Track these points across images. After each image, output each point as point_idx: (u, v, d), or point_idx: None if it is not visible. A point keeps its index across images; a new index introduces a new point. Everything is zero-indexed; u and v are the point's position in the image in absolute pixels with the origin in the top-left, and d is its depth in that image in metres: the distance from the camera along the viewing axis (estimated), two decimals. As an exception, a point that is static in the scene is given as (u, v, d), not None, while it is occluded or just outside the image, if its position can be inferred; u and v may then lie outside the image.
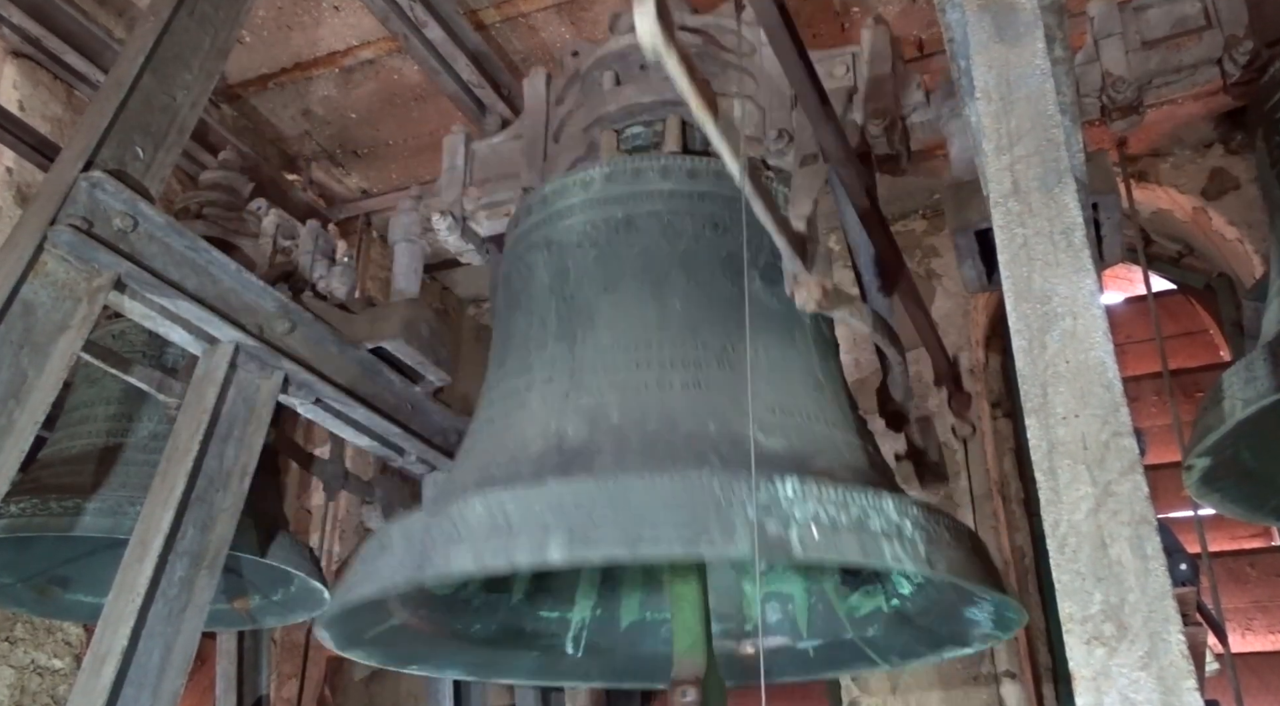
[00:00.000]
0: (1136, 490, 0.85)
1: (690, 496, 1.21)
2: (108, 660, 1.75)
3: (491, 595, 1.97)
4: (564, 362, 1.68)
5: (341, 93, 4.23)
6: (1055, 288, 1.01)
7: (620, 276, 1.74)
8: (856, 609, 1.98)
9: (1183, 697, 0.74)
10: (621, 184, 1.84)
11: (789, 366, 1.70)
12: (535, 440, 1.58)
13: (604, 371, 1.63)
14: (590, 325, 1.71)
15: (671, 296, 1.70)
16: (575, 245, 1.81)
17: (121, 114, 1.91)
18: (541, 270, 1.84)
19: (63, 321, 1.77)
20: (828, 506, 1.24)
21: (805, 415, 1.64)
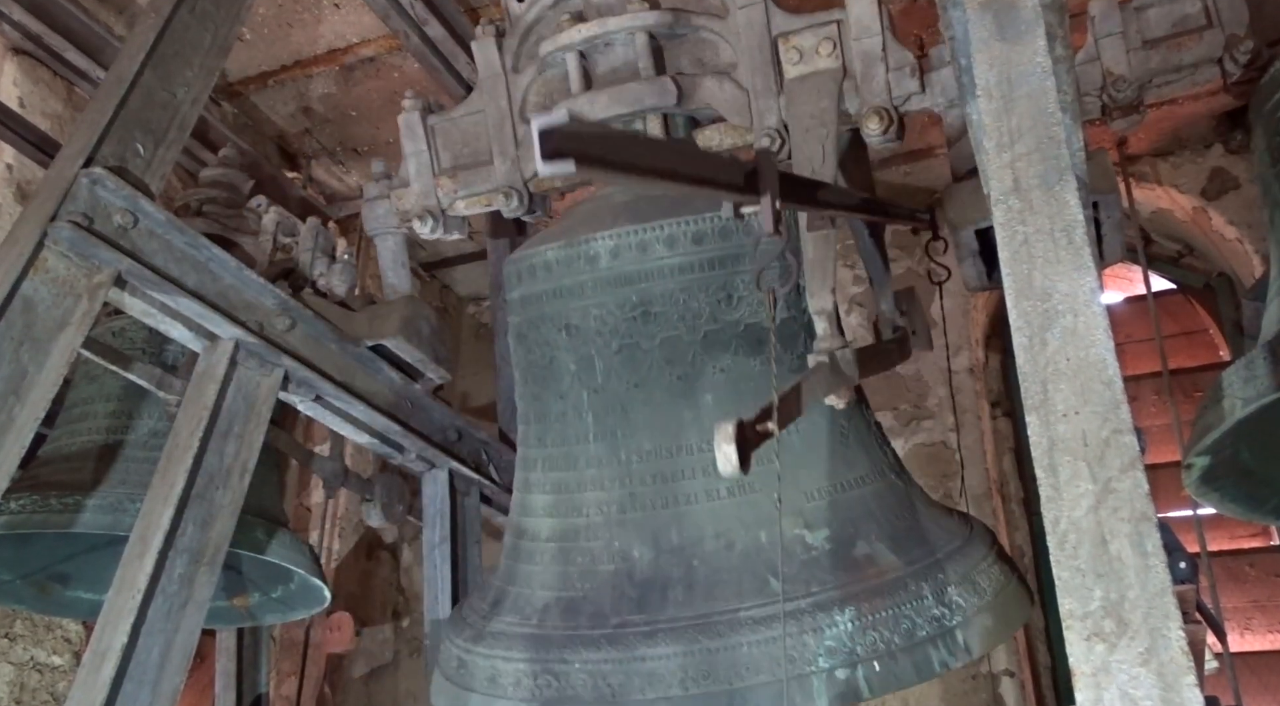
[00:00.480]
0: (1137, 487, 0.85)
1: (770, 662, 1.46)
2: (107, 657, 1.75)
3: None
4: (610, 466, 1.77)
5: (342, 90, 4.23)
6: (1056, 285, 1.01)
7: (648, 371, 1.79)
8: None
9: (1182, 693, 0.74)
10: (629, 261, 1.83)
11: (815, 430, 1.76)
12: (603, 559, 1.73)
13: (653, 481, 1.73)
14: (626, 424, 1.78)
15: (702, 392, 1.76)
16: (595, 333, 1.83)
17: (122, 111, 1.91)
18: (564, 354, 1.87)
19: (63, 318, 1.77)
20: (882, 630, 1.45)
21: (839, 484, 1.74)
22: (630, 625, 1.62)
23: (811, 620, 1.51)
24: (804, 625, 1.50)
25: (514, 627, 1.76)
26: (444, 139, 2.36)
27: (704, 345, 1.79)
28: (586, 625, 1.66)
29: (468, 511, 2.83)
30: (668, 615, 1.61)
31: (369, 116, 4.36)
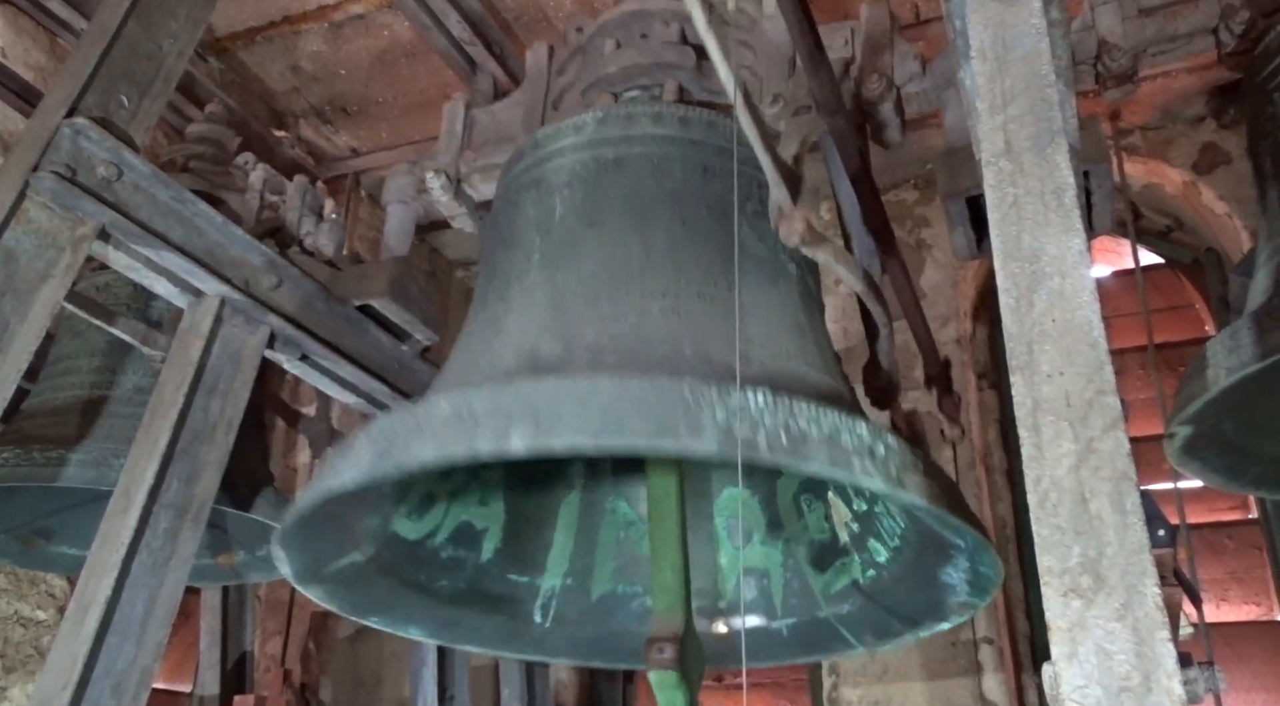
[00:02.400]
0: (1118, 447, 0.85)
1: (660, 397, 1.18)
2: (91, 610, 1.75)
3: (458, 550, 1.95)
4: (543, 290, 1.66)
5: (331, 48, 4.18)
6: (1044, 247, 1.01)
7: (606, 212, 1.73)
8: (831, 585, 1.96)
9: (1156, 648, 0.75)
10: (613, 127, 1.84)
11: (771, 308, 1.69)
12: (508, 356, 1.57)
13: (582, 296, 1.61)
14: (573, 255, 1.69)
15: (655, 231, 1.68)
16: (564, 184, 1.80)
17: (105, 61, 1.88)
18: (528, 208, 1.83)
19: (45, 270, 1.75)
20: (799, 418, 1.20)
21: (785, 353, 1.61)
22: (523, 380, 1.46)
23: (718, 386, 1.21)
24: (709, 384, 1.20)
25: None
26: (480, 127, 2.49)
27: (669, 198, 1.74)
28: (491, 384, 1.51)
29: (454, 473, 2.84)
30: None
31: (358, 75, 4.31)
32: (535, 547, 2.08)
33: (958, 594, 1.71)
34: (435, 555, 1.92)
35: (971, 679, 4.03)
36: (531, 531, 2.08)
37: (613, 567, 2.11)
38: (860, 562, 1.91)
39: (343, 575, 1.74)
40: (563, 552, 2.10)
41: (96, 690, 1.73)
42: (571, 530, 2.11)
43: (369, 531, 1.75)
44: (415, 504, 1.86)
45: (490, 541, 2.03)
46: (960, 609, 1.74)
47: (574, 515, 2.13)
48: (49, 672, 1.72)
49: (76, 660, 1.71)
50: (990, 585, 1.61)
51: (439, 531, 1.93)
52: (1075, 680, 0.78)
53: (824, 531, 2.00)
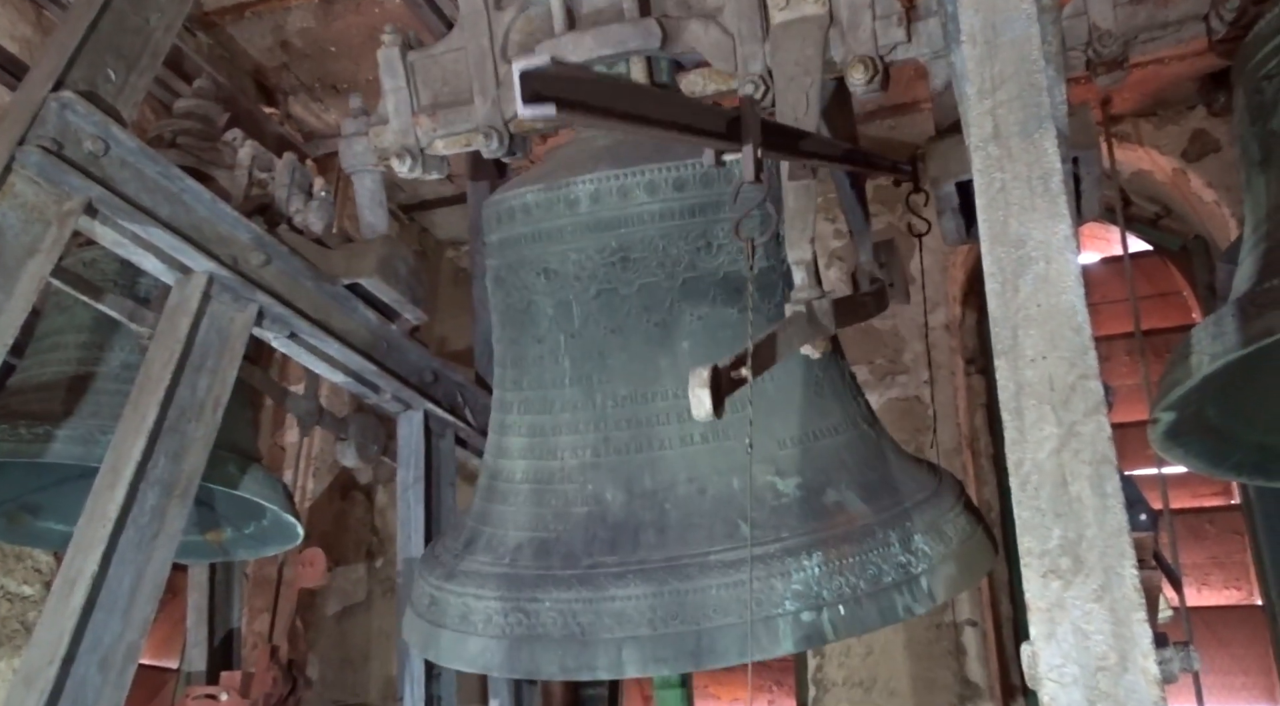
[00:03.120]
0: (1099, 431, 0.86)
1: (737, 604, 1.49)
2: (77, 584, 1.75)
3: None
4: (586, 411, 1.78)
5: (321, 24, 4.15)
6: (1030, 232, 1.02)
7: (625, 316, 1.79)
8: None
9: (1133, 628, 0.76)
10: (609, 206, 1.81)
11: (789, 379, 1.77)
12: (576, 502, 1.74)
13: (628, 426, 1.75)
14: (603, 369, 1.79)
15: (679, 339, 1.77)
16: (574, 278, 1.83)
17: (92, 34, 1.86)
18: (542, 298, 1.87)
19: (32, 244, 1.74)
20: (848, 575, 1.48)
21: (811, 432, 1.76)
22: (601, 566, 1.64)
23: (779, 564, 1.54)
24: (771, 569, 1.54)
25: (486, 567, 1.78)
26: (424, 76, 2.30)
27: (682, 292, 1.79)
28: (559, 565, 1.69)
29: (442, 453, 2.84)
30: (639, 557, 1.63)
31: (349, 52, 4.28)
32: None
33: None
34: None
35: (955, 661, 4.07)
36: None
37: None
38: None
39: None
40: None
41: (83, 665, 1.73)
42: None
43: None
44: None
45: None
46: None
47: None
48: (35, 647, 1.72)
49: (63, 635, 1.71)
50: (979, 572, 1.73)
51: None
52: (1053, 659, 0.79)
53: None
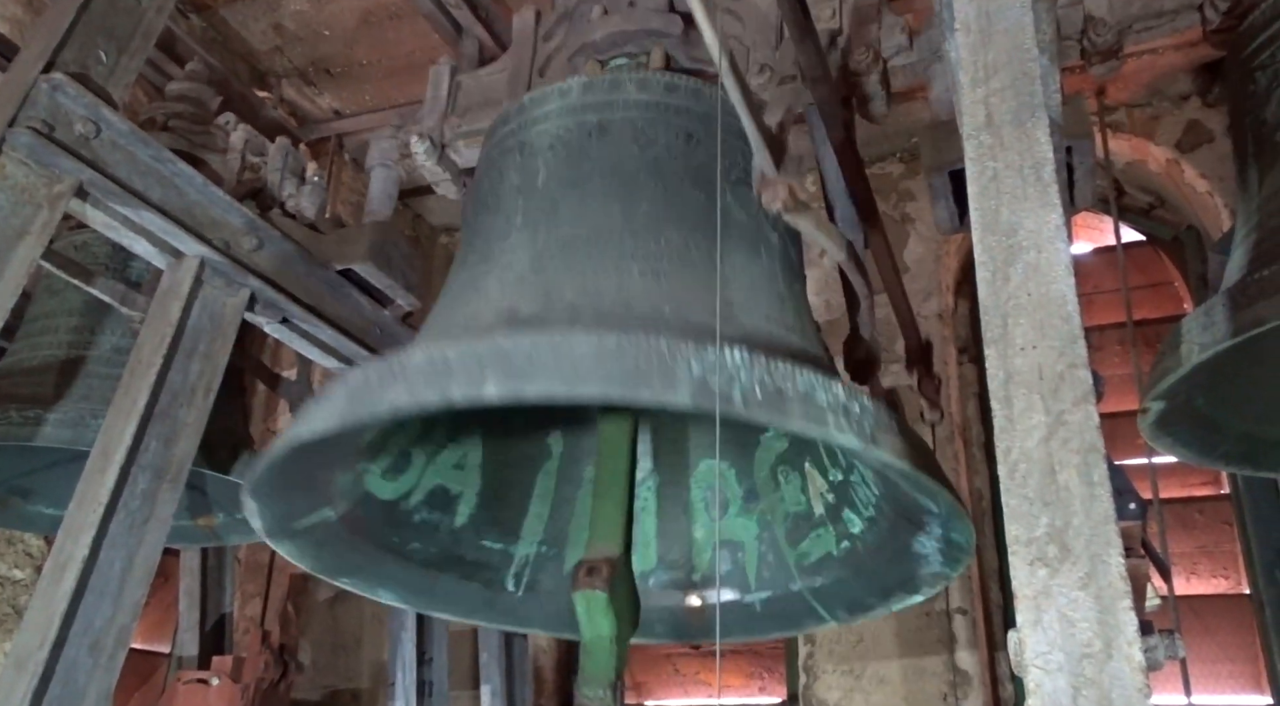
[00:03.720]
0: (1088, 419, 0.87)
1: (636, 350, 1.17)
2: (68, 568, 1.75)
3: (433, 513, 1.95)
4: (524, 250, 1.66)
5: (315, 8, 4.13)
6: (1022, 221, 1.02)
7: (589, 176, 1.72)
8: (806, 555, 1.96)
9: (1119, 616, 0.77)
10: (599, 93, 1.82)
11: (752, 276, 1.69)
12: (486, 314, 1.56)
13: (562, 257, 1.61)
14: (553, 218, 1.69)
15: (638, 198, 1.69)
16: (547, 147, 1.79)
17: (84, 15, 1.85)
18: (512, 172, 1.83)
19: (22, 227, 1.73)
20: (775, 375, 1.20)
21: (765, 318, 1.61)
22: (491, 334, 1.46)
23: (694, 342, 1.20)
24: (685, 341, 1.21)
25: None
26: (465, 92, 2.46)
27: (653, 167, 1.74)
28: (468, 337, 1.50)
29: (434, 438, 2.84)
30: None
31: (342, 36, 4.26)
32: (511, 514, 2.07)
33: (930, 564, 1.71)
34: (409, 518, 1.91)
35: (945, 649, 4.09)
36: (507, 498, 2.07)
37: (587, 537, 2.11)
38: (835, 534, 1.92)
39: (314, 532, 1.72)
40: (538, 520, 2.09)
41: (74, 648, 1.73)
42: (548, 498, 2.10)
43: (342, 488, 1.74)
44: (390, 463, 1.85)
45: (465, 506, 2.02)
46: (933, 580, 1.74)
47: (551, 482, 2.12)
48: (26, 631, 1.72)
49: (54, 619, 1.71)
50: (962, 554, 1.61)
51: (414, 493, 1.92)
52: (1039, 646, 0.80)
53: (800, 503, 2.00)
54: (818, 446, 1.92)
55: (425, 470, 1.94)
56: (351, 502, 1.78)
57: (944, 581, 1.74)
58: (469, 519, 2.01)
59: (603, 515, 1.61)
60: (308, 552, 1.74)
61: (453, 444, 2.00)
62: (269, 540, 1.67)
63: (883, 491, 1.74)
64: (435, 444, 1.95)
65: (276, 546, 1.69)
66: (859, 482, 1.83)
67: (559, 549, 2.07)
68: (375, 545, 1.85)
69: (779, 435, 2.02)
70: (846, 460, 1.85)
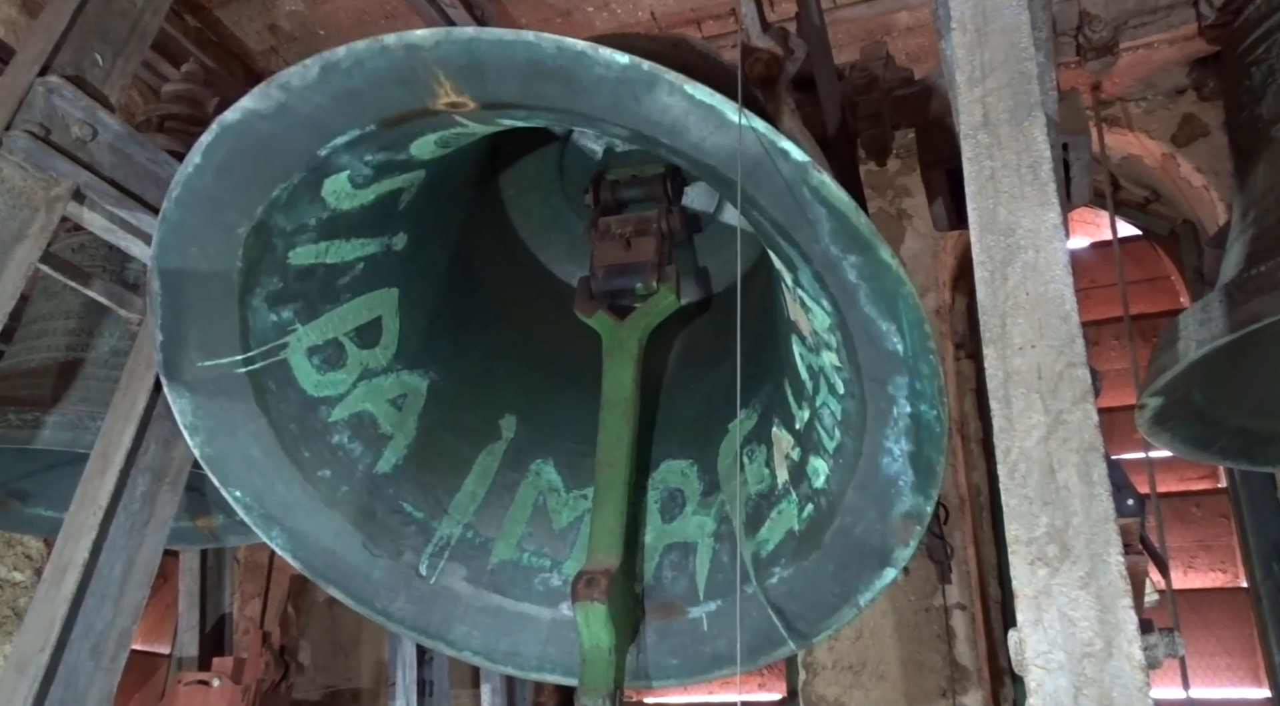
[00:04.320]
0: (1087, 419, 0.87)
1: None
2: (69, 571, 1.76)
3: (355, 443, 1.76)
4: None
5: (310, 8, 4.12)
6: (1019, 220, 1.02)
7: None
8: (765, 543, 1.76)
9: (1119, 615, 0.77)
10: None
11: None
12: None
13: None
14: None
15: None
16: None
17: (79, 18, 1.85)
18: None
19: (19, 230, 1.73)
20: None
21: None
22: None
23: None
24: None
25: None
26: None
27: None
28: None
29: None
30: None
31: (338, 35, 4.25)
32: (442, 483, 1.86)
33: (902, 494, 1.49)
34: (326, 434, 1.71)
35: (944, 644, 4.10)
36: (441, 464, 1.87)
37: (522, 533, 1.89)
38: (798, 500, 1.72)
39: (215, 386, 1.54)
40: (470, 499, 1.87)
41: (75, 651, 1.74)
42: (487, 479, 1.90)
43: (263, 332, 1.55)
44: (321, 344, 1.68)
45: (392, 453, 1.81)
46: (905, 525, 1.51)
47: (494, 464, 1.92)
48: (27, 633, 1.72)
49: (54, 621, 1.71)
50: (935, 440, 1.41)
51: (339, 404, 1.72)
52: (1039, 645, 0.80)
53: (763, 479, 1.82)
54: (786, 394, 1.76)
55: (359, 383, 1.75)
56: (267, 363, 1.59)
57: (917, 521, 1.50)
58: (393, 468, 1.81)
59: (601, 524, 1.56)
60: (201, 417, 1.57)
61: (396, 364, 1.82)
62: (166, 379, 1.53)
63: (849, 375, 1.51)
64: (378, 343, 1.77)
65: (170, 391, 1.54)
66: (826, 400, 1.63)
67: (487, 540, 1.86)
68: (281, 442, 1.65)
69: (750, 414, 1.91)
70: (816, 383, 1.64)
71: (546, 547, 1.86)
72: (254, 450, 1.64)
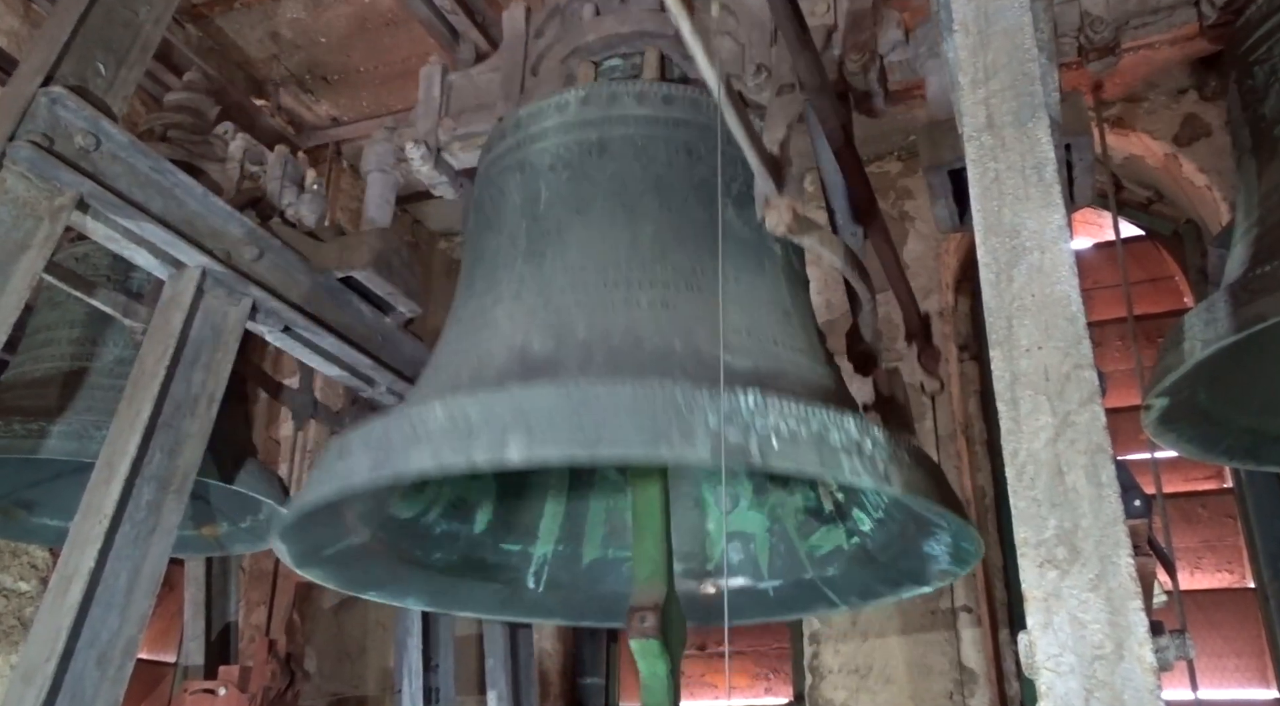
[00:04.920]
0: (1095, 420, 0.87)
1: (652, 402, 1.21)
2: (74, 581, 1.75)
3: (453, 524, 1.99)
4: (532, 281, 1.67)
5: (311, 15, 4.13)
6: (1024, 222, 1.02)
7: (592, 198, 1.72)
8: (817, 548, 1.99)
9: (1129, 617, 0.77)
10: (596, 107, 1.82)
11: (757, 293, 1.70)
12: (499, 353, 1.57)
13: (571, 289, 1.62)
14: (560, 245, 1.69)
15: (643, 220, 1.69)
16: (548, 167, 1.79)
17: (82, 28, 1.86)
18: (514, 192, 1.82)
19: (24, 240, 1.73)
20: (789, 419, 1.24)
21: (771, 339, 1.63)
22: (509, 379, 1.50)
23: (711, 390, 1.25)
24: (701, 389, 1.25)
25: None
26: (458, 93, 2.45)
27: (656, 186, 1.74)
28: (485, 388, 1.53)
29: (437, 444, 2.83)
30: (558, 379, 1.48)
31: (339, 44, 4.26)
32: (527, 517, 2.11)
33: (939, 563, 1.74)
34: (430, 530, 1.94)
35: (951, 647, 4.09)
36: (523, 501, 2.11)
37: (603, 533, 2.15)
38: (845, 530, 1.95)
39: (342, 556, 1.77)
40: (554, 521, 2.13)
41: (81, 660, 1.73)
42: (562, 499, 2.15)
43: (364, 517, 1.77)
44: (409, 488, 1.88)
45: (483, 514, 2.05)
46: (941, 576, 1.79)
47: (564, 484, 2.16)
48: (33, 643, 1.72)
49: (60, 631, 1.71)
50: (970, 558, 1.65)
51: (433, 508, 1.95)
52: (1050, 649, 0.80)
53: (810, 499, 2.03)
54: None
55: (442, 486, 1.96)
56: (374, 527, 1.82)
57: (952, 577, 1.80)
58: (487, 525, 2.05)
59: (643, 555, 1.65)
60: (337, 574, 1.80)
61: None
62: (299, 569, 1.71)
63: (893, 500, 1.76)
64: None
65: (307, 573, 1.74)
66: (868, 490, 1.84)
67: (575, 546, 2.13)
68: (400, 559, 1.89)
69: None
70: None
71: (624, 541, 2.12)
72: (380, 571, 1.89)
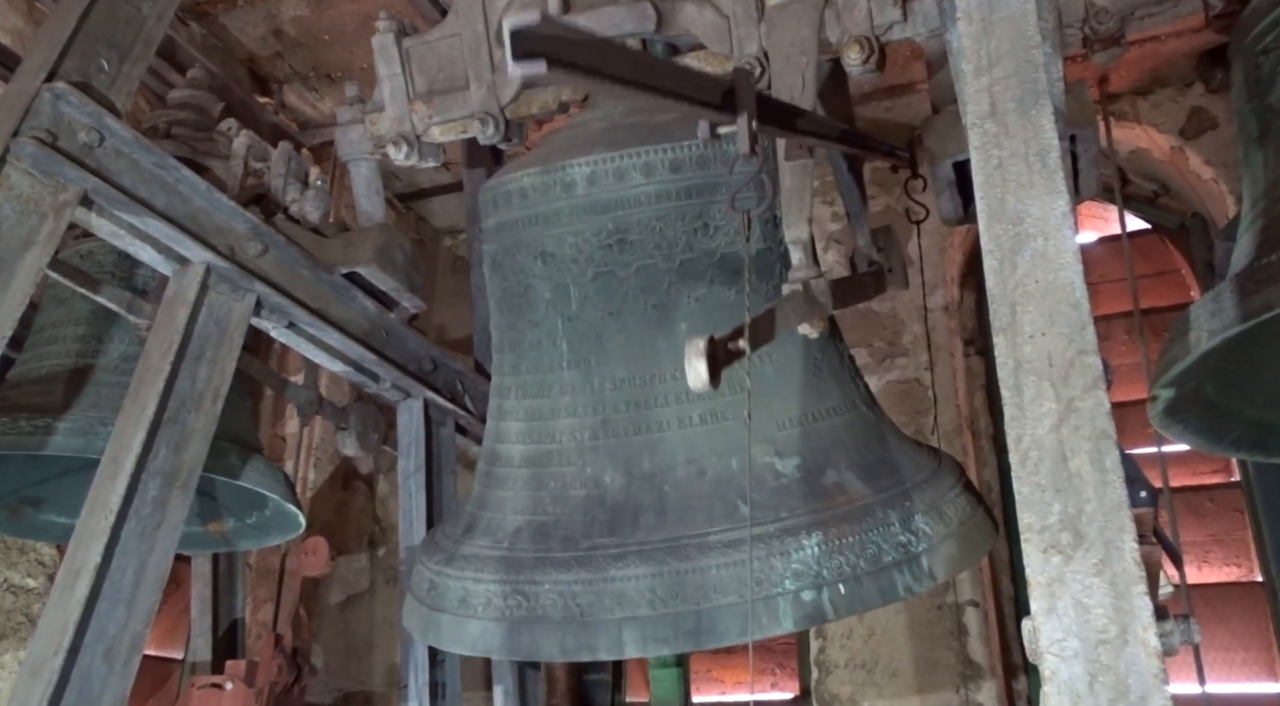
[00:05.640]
0: (1098, 406, 0.86)
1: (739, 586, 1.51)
2: (81, 576, 1.76)
3: None
4: (584, 394, 1.80)
5: (314, 12, 4.13)
6: (1028, 209, 1.02)
7: (623, 299, 1.80)
8: None
9: (1133, 601, 0.77)
10: (605, 188, 1.81)
11: (788, 361, 1.78)
12: (575, 485, 1.76)
13: (626, 408, 1.76)
14: (601, 352, 1.80)
15: (676, 320, 1.77)
16: (570, 260, 1.83)
17: (85, 24, 1.85)
18: (539, 282, 1.87)
19: (28, 237, 1.74)
20: (848, 554, 1.51)
21: (810, 414, 1.77)
22: (600, 547, 1.65)
23: (779, 544, 1.55)
24: (771, 548, 1.55)
25: (485, 550, 1.79)
26: (419, 63, 2.29)
27: (680, 274, 1.79)
28: (557, 548, 1.69)
29: (443, 441, 2.84)
30: (638, 538, 1.65)
31: (342, 40, 4.26)
32: None
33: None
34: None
35: (957, 641, 4.09)
36: None
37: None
38: None
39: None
40: None
41: (88, 656, 1.74)
42: None
43: None
44: None
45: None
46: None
47: None
48: (40, 639, 1.73)
49: (67, 626, 1.71)
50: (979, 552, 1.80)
51: None
52: (1054, 633, 0.79)
53: None
54: None
55: None
56: None
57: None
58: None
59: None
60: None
61: None
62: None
63: None
64: None
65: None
66: None
67: None
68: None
69: None
70: None
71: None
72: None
